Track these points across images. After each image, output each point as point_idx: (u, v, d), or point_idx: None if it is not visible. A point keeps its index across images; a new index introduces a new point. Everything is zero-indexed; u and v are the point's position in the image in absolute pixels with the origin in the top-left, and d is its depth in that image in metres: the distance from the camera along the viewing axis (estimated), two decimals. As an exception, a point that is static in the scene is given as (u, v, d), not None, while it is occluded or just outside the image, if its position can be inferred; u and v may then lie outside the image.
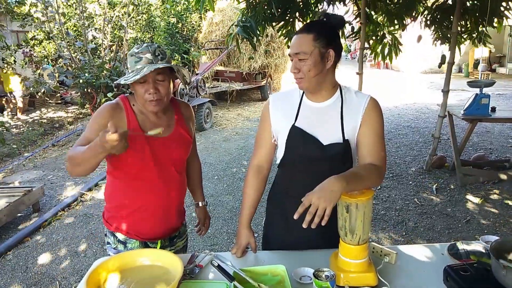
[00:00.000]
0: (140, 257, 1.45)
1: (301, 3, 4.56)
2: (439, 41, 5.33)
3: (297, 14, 4.58)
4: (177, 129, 1.66)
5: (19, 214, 4.17)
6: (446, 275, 1.32)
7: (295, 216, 1.23)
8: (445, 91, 4.77)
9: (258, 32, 4.30)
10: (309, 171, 1.51)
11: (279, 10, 4.33)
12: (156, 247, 1.69)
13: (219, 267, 1.41)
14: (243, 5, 4.54)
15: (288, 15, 4.50)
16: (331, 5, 4.74)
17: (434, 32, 5.24)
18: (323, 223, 1.21)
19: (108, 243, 1.71)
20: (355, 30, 5.18)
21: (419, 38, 5.29)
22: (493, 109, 4.60)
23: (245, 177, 1.68)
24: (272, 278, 1.39)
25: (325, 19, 1.48)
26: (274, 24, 4.69)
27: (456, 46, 4.70)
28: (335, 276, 1.28)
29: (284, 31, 4.73)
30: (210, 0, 3.55)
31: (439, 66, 5.27)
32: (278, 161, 1.61)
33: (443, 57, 5.08)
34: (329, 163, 1.47)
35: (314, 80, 1.45)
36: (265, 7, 4.20)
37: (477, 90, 4.49)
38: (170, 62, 1.56)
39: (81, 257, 3.40)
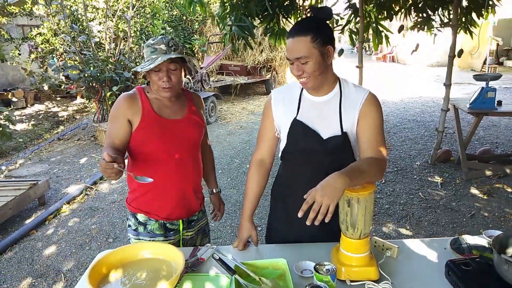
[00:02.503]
0: (142, 250, 1.46)
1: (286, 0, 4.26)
2: (417, 28, 5.21)
3: (280, 10, 4.29)
4: (189, 114, 1.76)
5: (25, 207, 4.21)
6: (447, 269, 1.32)
7: (299, 214, 1.23)
8: (447, 85, 4.72)
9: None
10: (310, 164, 1.53)
11: (261, 8, 3.99)
12: (176, 229, 1.76)
13: (220, 261, 1.41)
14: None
15: (272, 12, 4.04)
16: None
17: (415, 20, 5.11)
18: (326, 220, 1.21)
19: (129, 225, 1.78)
20: (344, 21, 4.98)
21: (401, 28, 5.22)
22: (499, 103, 4.55)
23: (247, 171, 1.69)
24: (273, 272, 1.39)
25: (312, 14, 1.48)
26: (258, 23, 4.44)
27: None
28: (336, 270, 1.28)
29: (267, 28, 4.32)
30: (201, 3, 3.45)
31: (411, 53, 5.33)
32: (280, 154, 1.63)
33: (417, 45, 5.13)
34: (329, 156, 1.49)
35: (320, 78, 1.46)
36: (244, 4, 3.92)
37: (483, 84, 4.45)
38: (183, 53, 1.66)
39: (86, 250, 3.43)
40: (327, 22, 1.51)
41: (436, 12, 4.88)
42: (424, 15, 4.88)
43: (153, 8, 9.94)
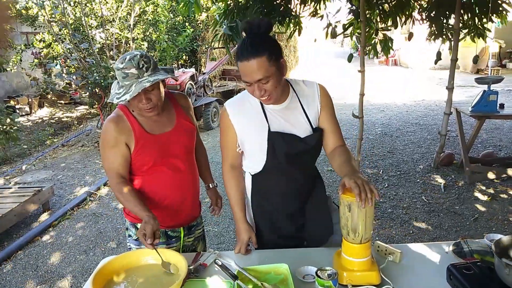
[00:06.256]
0: (146, 256, 1.47)
1: (282, 6, 4.31)
2: (434, 37, 5.21)
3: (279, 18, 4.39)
4: (179, 121, 1.74)
5: (29, 214, 4.23)
6: (449, 273, 1.33)
7: (359, 203, 1.25)
8: (450, 88, 4.72)
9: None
10: (294, 165, 1.58)
11: (263, 13, 4.11)
12: (177, 236, 1.78)
13: (222, 266, 1.43)
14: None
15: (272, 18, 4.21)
16: (321, 2, 4.62)
17: (428, 28, 5.13)
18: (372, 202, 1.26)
19: (130, 235, 1.77)
20: (346, 27, 5.01)
21: (410, 36, 5.21)
22: (502, 106, 4.54)
23: (223, 180, 1.72)
24: (275, 277, 1.40)
25: (251, 29, 1.42)
26: None
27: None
28: (338, 274, 1.29)
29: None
30: (196, 4, 3.47)
31: (435, 63, 5.20)
32: (256, 170, 1.62)
33: (439, 53, 5.02)
34: (310, 153, 1.60)
35: (280, 92, 1.49)
36: (243, 11, 4.02)
37: (485, 87, 4.45)
38: (156, 66, 1.59)
39: (90, 255, 3.44)
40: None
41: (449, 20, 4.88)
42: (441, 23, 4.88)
43: (155, 15, 10.01)
